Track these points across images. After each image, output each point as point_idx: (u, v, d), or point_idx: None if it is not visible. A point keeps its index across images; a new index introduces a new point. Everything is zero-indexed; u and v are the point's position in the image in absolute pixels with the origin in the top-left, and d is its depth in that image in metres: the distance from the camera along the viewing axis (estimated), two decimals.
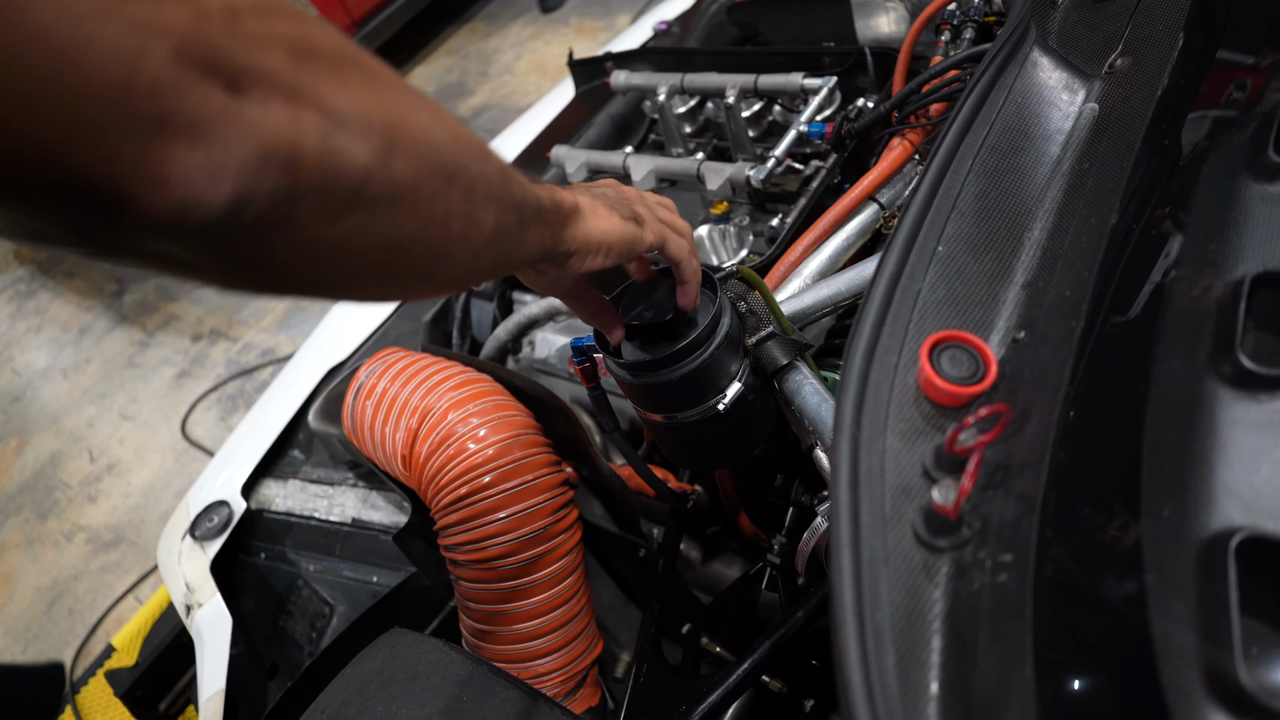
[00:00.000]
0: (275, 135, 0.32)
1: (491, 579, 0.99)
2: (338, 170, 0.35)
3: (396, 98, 0.40)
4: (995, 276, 0.61)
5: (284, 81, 0.33)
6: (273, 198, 0.33)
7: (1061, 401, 0.50)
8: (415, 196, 0.40)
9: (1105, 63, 0.74)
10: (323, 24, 0.39)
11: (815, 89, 1.25)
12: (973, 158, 0.66)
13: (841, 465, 0.51)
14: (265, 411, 1.56)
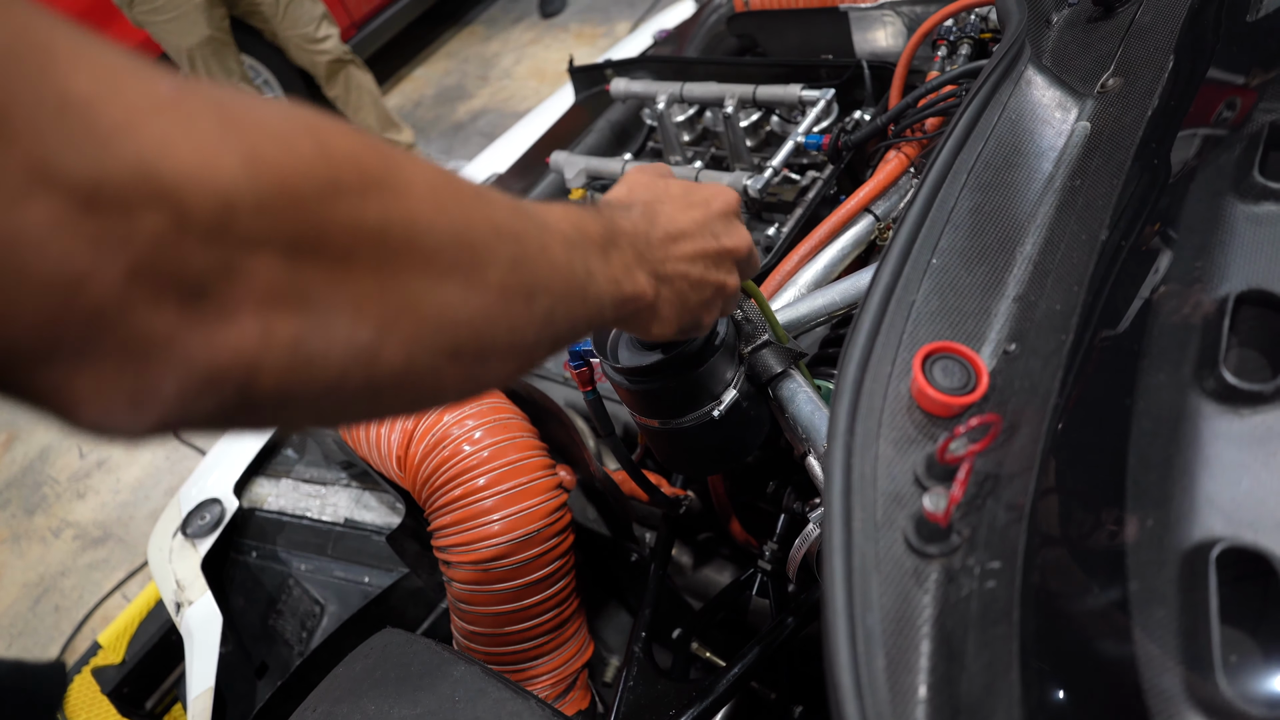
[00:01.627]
0: (230, 356, 0.27)
1: (484, 581, 0.99)
2: (306, 379, 0.30)
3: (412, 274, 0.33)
4: (988, 289, 0.62)
5: (262, 289, 0.28)
6: (215, 414, 0.28)
7: (1050, 413, 0.51)
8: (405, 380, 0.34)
9: (1098, 82, 0.75)
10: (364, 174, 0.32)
11: (813, 101, 1.27)
12: (967, 172, 0.68)
13: (835, 472, 0.52)
14: None
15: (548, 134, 1.57)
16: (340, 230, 0.30)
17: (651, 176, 0.62)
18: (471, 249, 0.37)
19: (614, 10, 4.50)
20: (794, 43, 1.68)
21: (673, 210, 0.58)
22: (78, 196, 0.23)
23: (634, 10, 4.35)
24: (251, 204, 0.27)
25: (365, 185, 0.31)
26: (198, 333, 0.26)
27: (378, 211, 0.32)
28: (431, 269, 0.34)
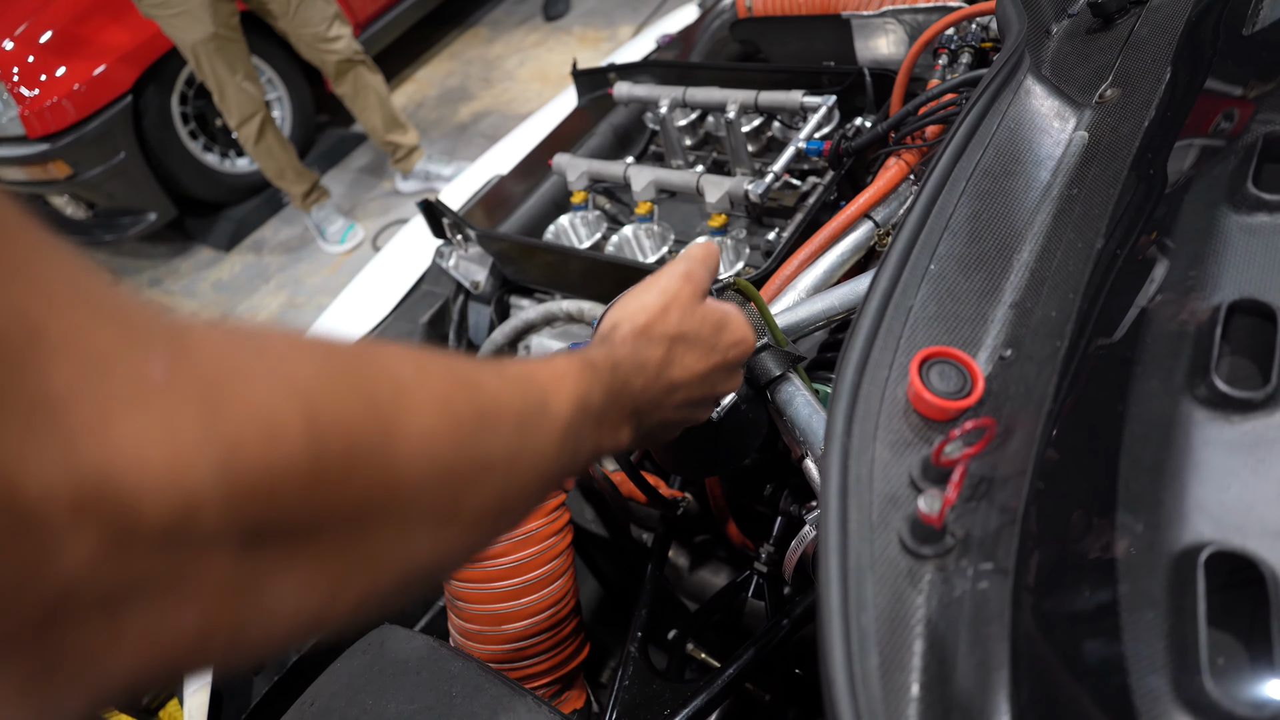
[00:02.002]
0: (160, 658, 0.25)
1: (482, 579, 1.00)
2: (239, 654, 0.28)
3: (381, 532, 0.31)
4: (985, 296, 0.63)
5: (210, 587, 0.25)
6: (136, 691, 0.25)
7: (1044, 418, 0.52)
8: (348, 621, 0.32)
9: (1096, 93, 0.76)
10: None
11: (814, 107, 1.28)
12: (966, 180, 0.68)
13: (832, 473, 0.52)
14: None
15: (550, 136, 1.58)
16: (311, 514, 0.28)
17: (691, 304, 0.63)
18: (454, 490, 0.35)
19: (617, 14, 4.52)
20: (796, 49, 1.69)
21: (691, 359, 0.61)
22: (16, 513, 0.21)
23: (637, 14, 4.37)
24: (218, 505, 0.25)
25: (352, 463, 0.30)
26: (125, 645, 0.24)
27: (359, 489, 0.30)
28: (404, 521, 0.33)
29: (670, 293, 0.62)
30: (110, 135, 3.24)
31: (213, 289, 3.45)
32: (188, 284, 3.52)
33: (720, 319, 0.65)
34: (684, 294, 0.63)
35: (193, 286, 3.49)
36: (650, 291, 0.62)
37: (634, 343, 0.58)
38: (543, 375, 0.46)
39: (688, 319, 0.61)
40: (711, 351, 0.63)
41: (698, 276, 0.65)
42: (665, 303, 0.61)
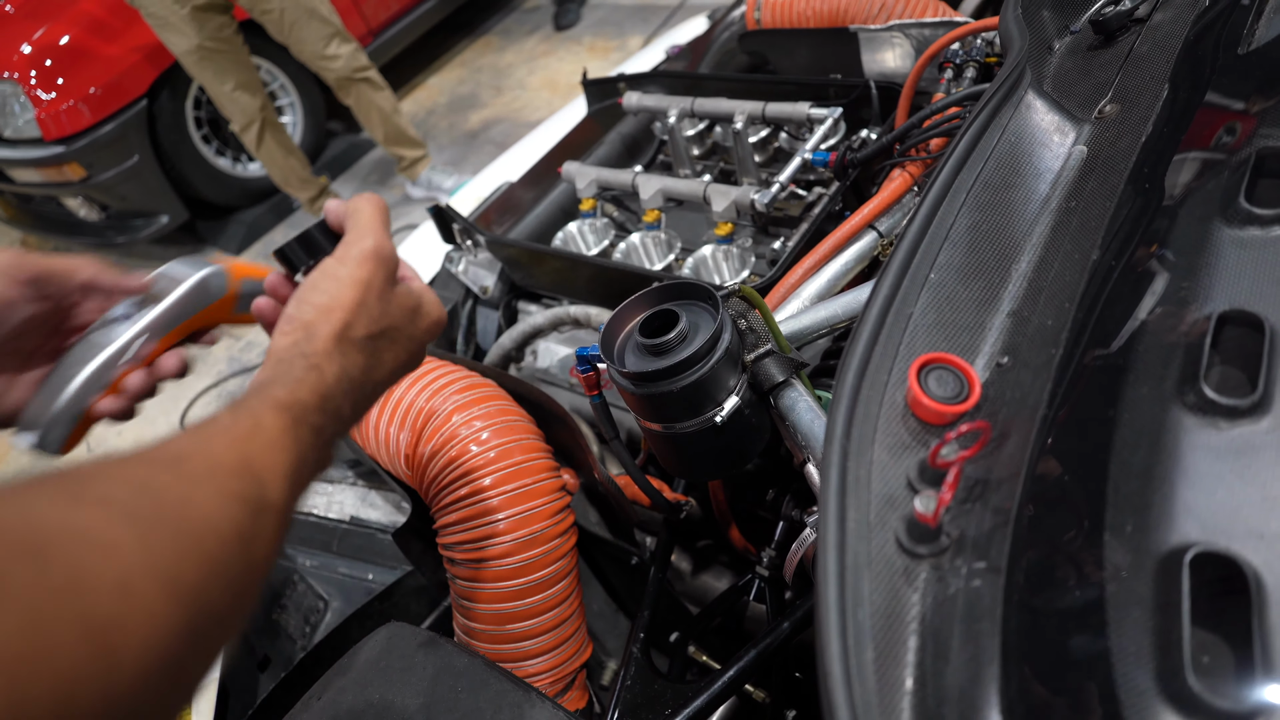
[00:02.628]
0: None
1: (487, 579, 1.02)
2: None
3: None
4: (983, 304, 0.65)
5: None
6: None
7: (1039, 423, 0.53)
8: None
9: (1095, 108, 0.78)
10: None
11: (821, 118, 1.30)
12: (967, 191, 0.70)
13: (831, 474, 0.54)
14: None
15: (560, 145, 1.60)
16: None
17: (386, 291, 0.59)
18: (182, 668, 0.35)
19: (628, 25, 4.56)
20: (804, 62, 1.71)
21: (392, 355, 0.60)
22: None
23: (647, 25, 4.40)
24: None
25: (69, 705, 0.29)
26: None
27: None
28: None
29: (363, 282, 0.57)
30: (125, 139, 3.28)
31: None
32: None
33: (416, 302, 0.62)
34: (378, 280, 0.58)
35: None
36: (343, 281, 0.56)
37: (337, 354, 0.54)
38: (256, 451, 0.45)
39: (386, 311, 0.58)
40: (411, 340, 0.61)
41: (388, 248, 0.59)
42: (360, 296, 0.56)
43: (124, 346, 0.60)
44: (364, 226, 0.59)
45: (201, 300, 0.64)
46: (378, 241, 0.58)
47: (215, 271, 0.65)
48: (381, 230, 0.59)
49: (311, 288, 0.56)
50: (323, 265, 0.57)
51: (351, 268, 0.57)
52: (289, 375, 0.51)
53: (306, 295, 0.56)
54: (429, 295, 0.64)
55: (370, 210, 0.60)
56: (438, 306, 0.64)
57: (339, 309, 0.55)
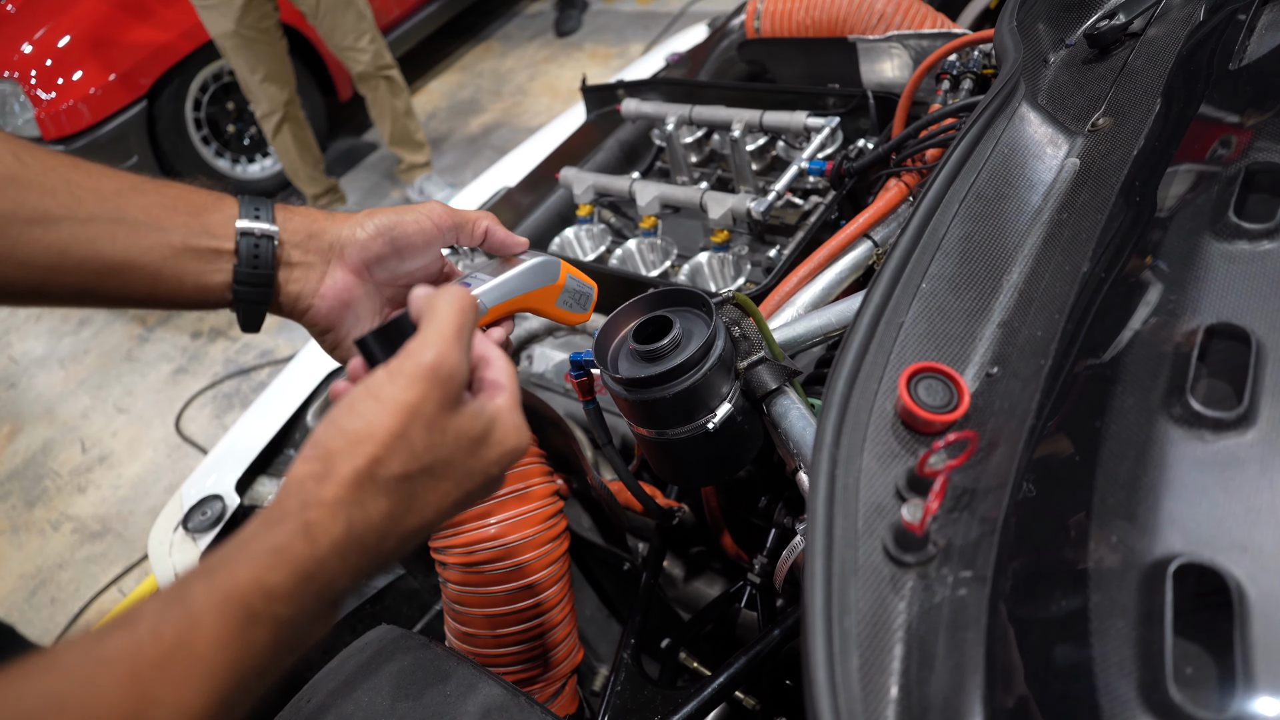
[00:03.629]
0: None
1: (479, 583, 1.02)
2: None
3: None
4: (974, 314, 0.65)
5: None
6: None
7: (1026, 433, 0.54)
8: None
9: (1089, 121, 0.79)
10: None
11: (818, 128, 1.30)
12: (960, 202, 0.71)
13: (819, 481, 0.54)
14: (264, 408, 1.59)
15: (558, 150, 1.60)
16: None
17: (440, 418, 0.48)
18: None
19: (628, 32, 4.58)
20: (802, 71, 1.72)
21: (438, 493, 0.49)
22: None
23: (648, 33, 4.42)
24: None
25: None
26: None
27: None
28: None
29: (409, 408, 0.47)
30: (124, 139, 3.29)
31: None
32: None
33: (483, 429, 0.51)
34: (429, 406, 0.48)
35: None
36: (384, 405, 0.47)
37: (351, 504, 0.45)
38: (170, 683, 0.38)
39: (437, 443, 0.48)
40: (469, 476, 0.50)
41: (450, 365, 0.49)
42: (402, 425, 0.46)
43: None
44: (432, 333, 0.49)
45: (536, 281, 0.69)
46: (439, 356, 0.48)
47: (552, 260, 0.70)
48: (451, 340, 0.49)
49: (348, 408, 0.47)
50: (370, 379, 0.48)
51: (400, 388, 0.47)
52: (268, 542, 0.43)
53: (340, 416, 0.47)
54: (507, 418, 0.52)
55: (448, 312, 0.50)
56: (516, 432, 0.53)
57: (371, 440, 0.46)
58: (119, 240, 0.57)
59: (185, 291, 0.61)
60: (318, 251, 0.65)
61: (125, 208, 0.58)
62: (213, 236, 0.61)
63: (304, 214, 0.65)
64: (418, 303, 0.52)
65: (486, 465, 0.51)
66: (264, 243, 0.62)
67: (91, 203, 0.57)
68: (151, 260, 0.58)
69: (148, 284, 0.59)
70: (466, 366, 0.50)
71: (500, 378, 0.54)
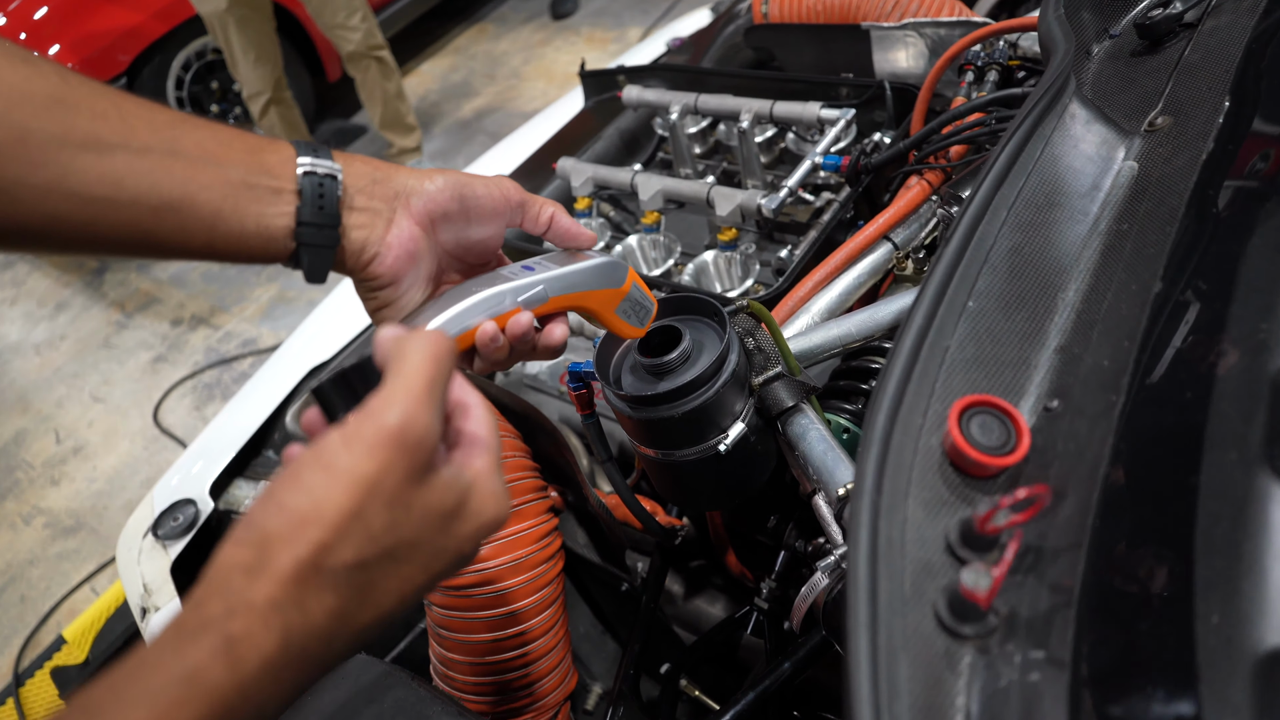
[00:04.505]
0: None
1: (465, 607, 0.94)
2: None
3: None
4: (1027, 338, 0.58)
5: None
6: None
7: (1100, 483, 0.47)
8: None
9: (1144, 120, 0.71)
10: None
11: (832, 120, 1.23)
12: (1008, 209, 0.63)
13: (860, 535, 0.47)
14: (242, 407, 1.51)
15: (555, 138, 1.52)
16: None
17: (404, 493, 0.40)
18: None
19: (626, 15, 4.47)
20: (811, 59, 1.64)
21: (399, 579, 0.41)
22: None
23: (647, 16, 4.32)
24: None
25: None
26: None
27: None
28: None
29: (367, 482, 0.39)
30: None
31: (202, 279, 3.38)
32: (176, 272, 3.45)
33: (457, 501, 0.43)
34: (391, 479, 0.39)
35: (181, 275, 3.42)
36: (337, 477, 0.39)
37: (289, 606, 0.37)
38: None
39: (400, 521, 0.40)
40: (437, 556, 0.43)
41: (418, 429, 0.40)
42: (356, 504, 0.38)
43: (526, 285, 0.60)
44: (399, 388, 0.41)
45: (601, 280, 0.64)
46: (406, 419, 0.40)
47: (621, 263, 0.66)
48: (421, 398, 0.41)
49: (292, 479, 0.39)
50: (321, 444, 0.40)
51: (357, 456, 0.39)
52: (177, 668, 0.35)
53: (282, 490, 0.39)
54: (485, 485, 0.44)
55: (419, 362, 0.42)
56: (495, 501, 0.45)
57: (319, 522, 0.38)
58: (176, 173, 0.51)
59: (246, 235, 0.54)
60: (383, 198, 0.59)
61: (180, 140, 0.52)
62: (273, 176, 0.55)
63: (364, 159, 0.59)
64: (385, 345, 0.44)
65: (459, 542, 0.44)
66: (328, 183, 0.56)
67: (145, 132, 0.51)
68: (211, 198, 0.52)
69: (206, 224, 0.53)
70: (438, 428, 0.42)
71: (480, 431, 0.46)
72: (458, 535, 0.43)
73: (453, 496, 0.42)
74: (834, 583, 0.71)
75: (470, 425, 0.46)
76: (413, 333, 0.44)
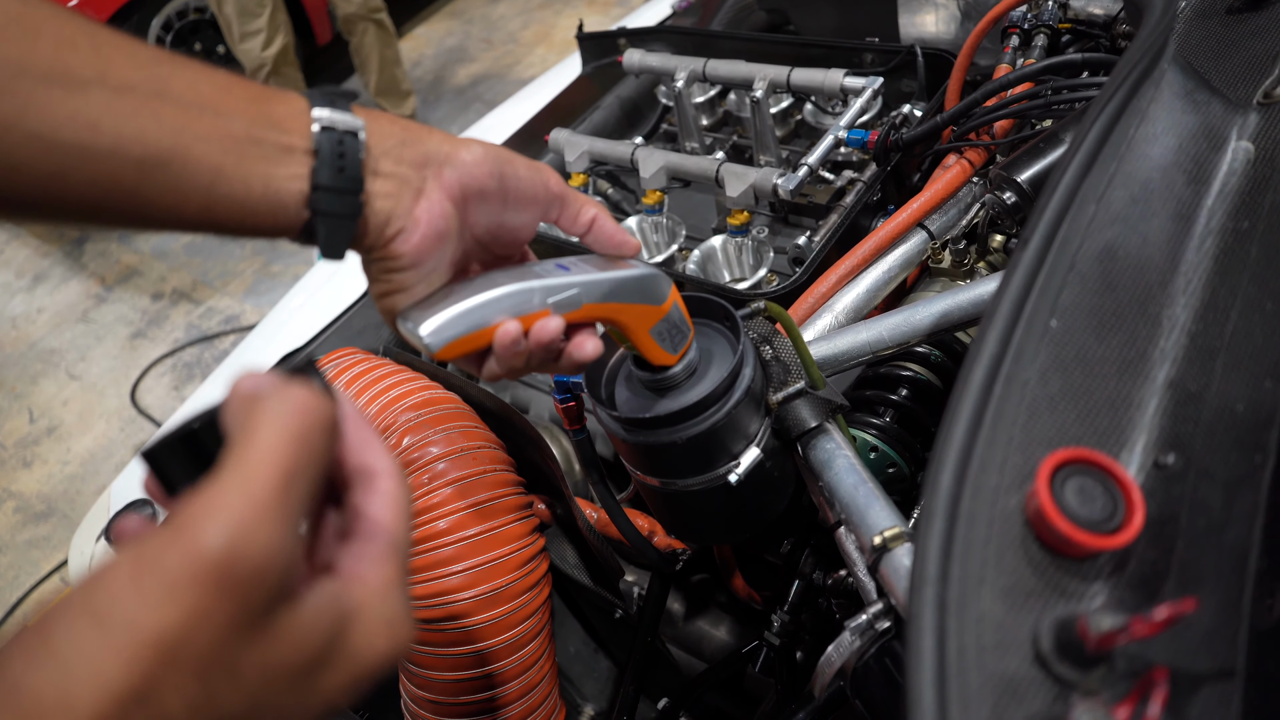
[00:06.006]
0: None
1: (440, 642, 0.83)
2: None
3: None
4: (1127, 368, 0.46)
5: None
6: None
7: (1254, 579, 0.35)
8: None
9: (1257, 90, 0.58)
10: None
11: (858, 89, 1.09)
12: (1096, 202, 0.51)
13: (924, 645, 0.35)
14: (209, 396, 1.39)
15: (549, 107, 1.38)
16: None
17: (225, 653, 0.27)
18: None
19: None
20: (830, 23, 1.50)
21: None
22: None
23: None
24: None
25: None
26: None
27: None
28: None
29: (159, 646, 0.26)
30: None
31: (184, 251, 3.24)
32: (159, 244, 3.31)
33: (324, 641, 0.30)
34: (200, 638, 0.27)
35: (163, 246, 3.28)
36: (102, 643, 0.26)
37: None
38: None
39: (217, 696, 0.27)
40: (304, 708, 0.31)
41: (255, 557, 0.28)
42: (137, 685, 0.26)
43: (560, 285, 0.52)
44: (237, 483, 0.29)
45: (642, 294, 0.56)
46: (235, 537, 0.27)
47: (665, 277, 0.58)
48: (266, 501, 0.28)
49: (40, 646, 0.26)
50: (98, 581, 0.27)
51: (147, 602, 0.26)
52: None
53: (23, 662, 0.26)
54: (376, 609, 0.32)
55: (273, 440, 0.30)
56: (389, 630, 0.33)
57: (90, 701, 0.25)
58: (165, 119, 0.41)
59: (252, 199, 0.44)
60: (413, 163, 0.48)
61: (169, 80, 0.42)
62: (282, 130, 0.44)
63: (390, 117, 0.49)
64: (237, 402, 0.31)
65: (323, 697, 0.31)
66: (349, 140, 0.45)
67: (126, 67, 0.41)
68: (209, 151, 0.42)
69: (204, 185, 0.42)
70: (289, 544, 0.29)
71: (384, 516, 0.34)
72: (320, 691, 0.30)
73: (319, 634, 0.30)
74: (866, 645, 0.59)
75: (373, 505, 0.34)
76: (276, 392, 0.31)
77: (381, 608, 0.32)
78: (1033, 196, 0.82)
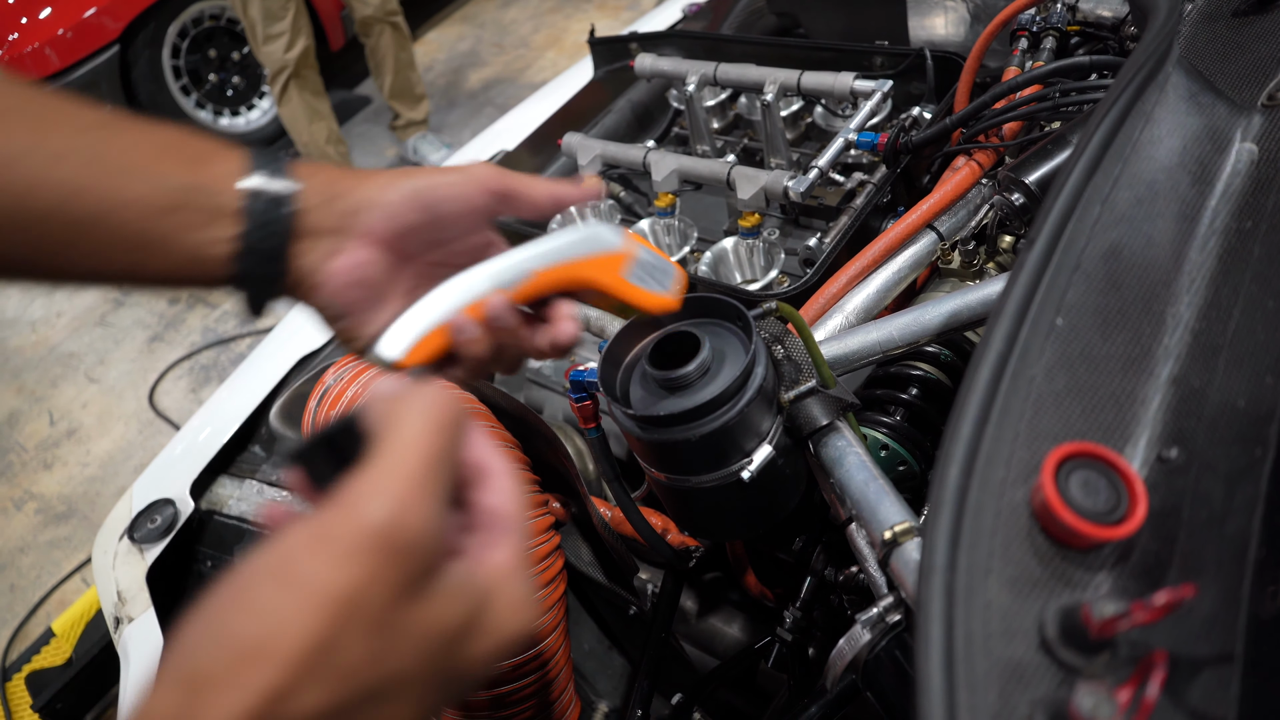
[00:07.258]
0: None
1: None
2: None
3: None
4: (1131, 365, 0.47)
5: None
6: None
7: (1252, 569, 0.36)
8: None
9: (1262, 93, 0.59)
10: None
11: (868, 92, 1.10)
12: (1101, 202, 0.52)
13: (932, 633, 0.37)
14: (227, 399, 1.41)
15: (560, 112, 1.40)
16: None
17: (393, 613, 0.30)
18: None
19: None
20: (840, 26, 1.51)
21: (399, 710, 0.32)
22: None
23: None
24: None
25: None
26: None
27: None
28: None
29: (339, 603, 0.29)
30: (95, 86, 3.06)
31: None
32: None
33: (467, 615, 0.33)
34: (376, 595, 0.30)
35: None
36: (294, 596, 0.29)
37: None
38: None
39: (384, 653, 0.30)
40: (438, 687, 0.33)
41: (412, 529, 0.31)
42: (325, 634, 0.29)
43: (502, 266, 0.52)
44: (388, 469, 0.32)
45: (589, 244, 0.55)
46: (395, 512, 0.31)
47: (615, 227, 0.58)
48: (417, 482, 0.32)
49: (238, 595, 0.30)
50: (281, 544, 0.30)
51: (327, 565, 0.29)
52: None
53: (224, 609, 0.30)
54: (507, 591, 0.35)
55: (416, 432, 0.33)
56: (517, 612, 0.35)
57: (273, 659, 0.28)
58: (97, 186, 0.43)
59: (173, 262, 0.46)
60: (334, 219, 0.50)
61: (104, 146, 0.44)
62: (213, 193, 0.46)
63: (325, 172, 0.50)
64: (379, 402, 0.35)
65: (469, 665, 0.34)
66: (275, 206, 0.47)
67: (63, 134, 0.44)
68: (132, 218, 0.44)
69: (127, 248, 0.44)
70: (439, 522, 0.32)
71: (505, 508, 0.37)
72: (466, 659, 0.33)
73: (460, 609, 0.33)
74: (877, 638, 0.61)
75: (492, 498, 0.37)
76: (417, 391, 0.35)
77: (512, 587, 0.35)
78: (1040, 198, 0.83)
